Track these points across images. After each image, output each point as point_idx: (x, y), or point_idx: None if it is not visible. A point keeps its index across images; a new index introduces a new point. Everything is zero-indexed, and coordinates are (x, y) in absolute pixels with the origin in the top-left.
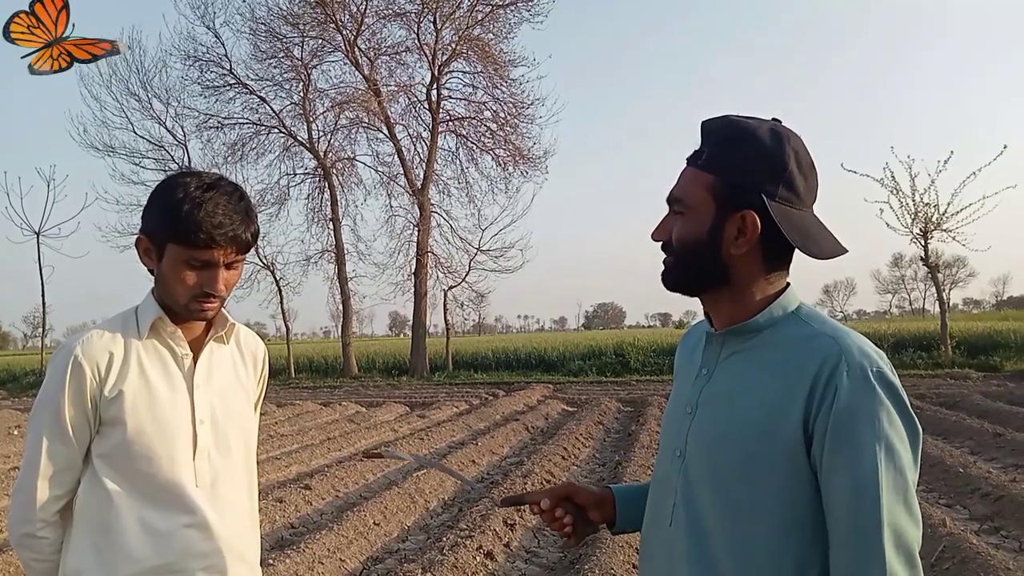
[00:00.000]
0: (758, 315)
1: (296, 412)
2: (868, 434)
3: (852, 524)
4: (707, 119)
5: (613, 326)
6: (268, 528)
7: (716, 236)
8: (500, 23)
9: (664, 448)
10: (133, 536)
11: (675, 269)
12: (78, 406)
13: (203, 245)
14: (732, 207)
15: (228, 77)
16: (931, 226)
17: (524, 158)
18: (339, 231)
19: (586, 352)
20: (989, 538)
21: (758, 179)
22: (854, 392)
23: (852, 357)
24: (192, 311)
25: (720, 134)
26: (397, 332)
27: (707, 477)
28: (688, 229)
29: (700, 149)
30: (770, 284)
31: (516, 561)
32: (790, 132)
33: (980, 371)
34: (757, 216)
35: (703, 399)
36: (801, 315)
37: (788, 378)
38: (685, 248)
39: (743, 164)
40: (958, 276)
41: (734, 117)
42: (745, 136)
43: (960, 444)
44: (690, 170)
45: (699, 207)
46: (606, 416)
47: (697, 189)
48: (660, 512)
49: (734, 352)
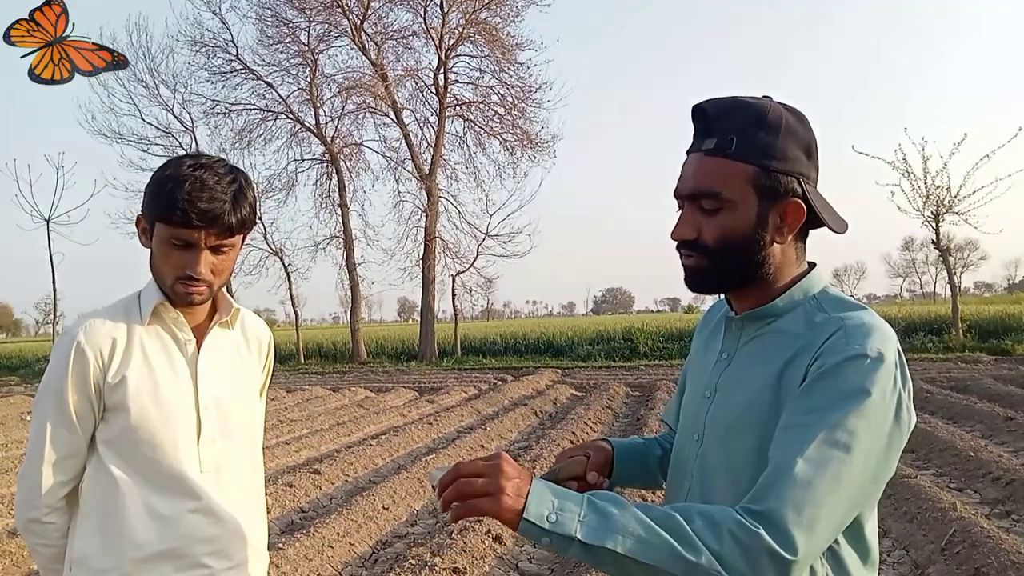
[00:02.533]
0: (777, 299)
1: (305, 397)
2: (833, 393)
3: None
4: (703, 102)
5: (622, 311)
6: (278, 512)
7: (761, 229)
8: (507, 6)
9: (684, 431)
10: (138, 521)
11: (712, 271)
12: (82, 392)
13: (181, 223)
14: (776, 197)
15: (235, 63)
16: (943, 209)
17: (532, 142)
18: (347, 217)
19: (595, 337)
20: (1000, 522)
21: (796, 164)
22: (841, 359)
23: (853, 331)
24: (178, 294)
25: (740, 119)
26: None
27: (723, 462)
28: (730, 225)
29: (721, 136)
30: (799, 265)
31: (525, 545)
32: (797, 109)
33: (991, 355)
34: (801, 203)
35: (721, 383)
36: (824, 301)
37: (799, 360)
38: (727, 246)
39: (781, 149)
40: (970, 259)
41: (741, 99)
42: (772, 119)
43: (971, 428)
44: (716, 160)
45: (740, 200)
46: (615, 401)
47: (735, 181)
48: (676, 494)
49: (753, 337)
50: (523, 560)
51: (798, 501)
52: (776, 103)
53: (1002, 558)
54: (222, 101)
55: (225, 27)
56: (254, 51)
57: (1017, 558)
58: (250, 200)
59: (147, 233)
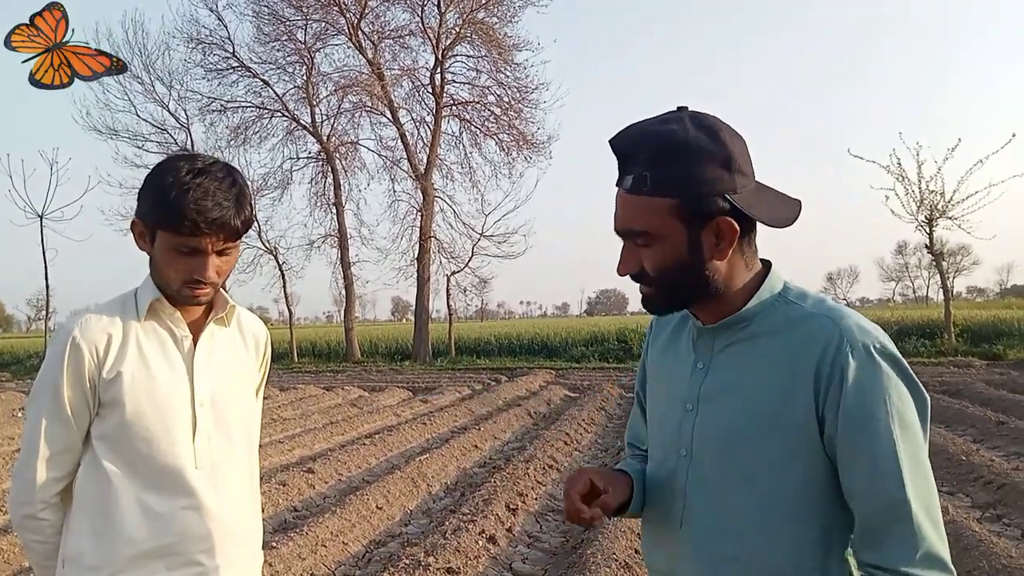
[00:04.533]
0: (748, 304)
1: (299, 396)
2: (881, 412)
3: (879, 502)
4: (616, 136)
5: (615, 312)
6: (271, 511)
7: (696, 253)
8: (504, 6)
9: (662, 447)
10: (132, 518)
11: (660, 297)
12: (77, 388)
13: (189, 232)
14: (702, 220)
15: (231, 60)
16: (936, 213)
17: (528, 143)
18: (342, 215)
19: (588, 338)
20: (991, 525)
21: (716, 183)
22: (861, 371)
23: (853, 336)
24: (184, 297)
25: (650, 152)
26: (400, 317)
27: (724, 474)
28: (665, 257)
29: (636, 173)
30: (750, 270)
31: (518, 546)
32: (710, 117)
33: (983, 359)
34: (731, 217)
35: (704, 394)
36: (790, 296)
37: (792, 363)
38: (667, 275)
39: (696, 176)
40: (962, 264)
41: (650, 127)
42: (680, 145)
43: (963, 432)
44: (636, 199)
45: (668, 233)
46: (608, 402)
47: (657, 218)
48: (665, 515)
49: (729, 344)
50: (516, 560)
51: (933, 532)
52: (687, 119)
53: (993, 562)
54: (218, 98)
55: (222, 24)
56: (250, 49)
57: (1008, 562)
58: (250, 200)
59: (145, 238)
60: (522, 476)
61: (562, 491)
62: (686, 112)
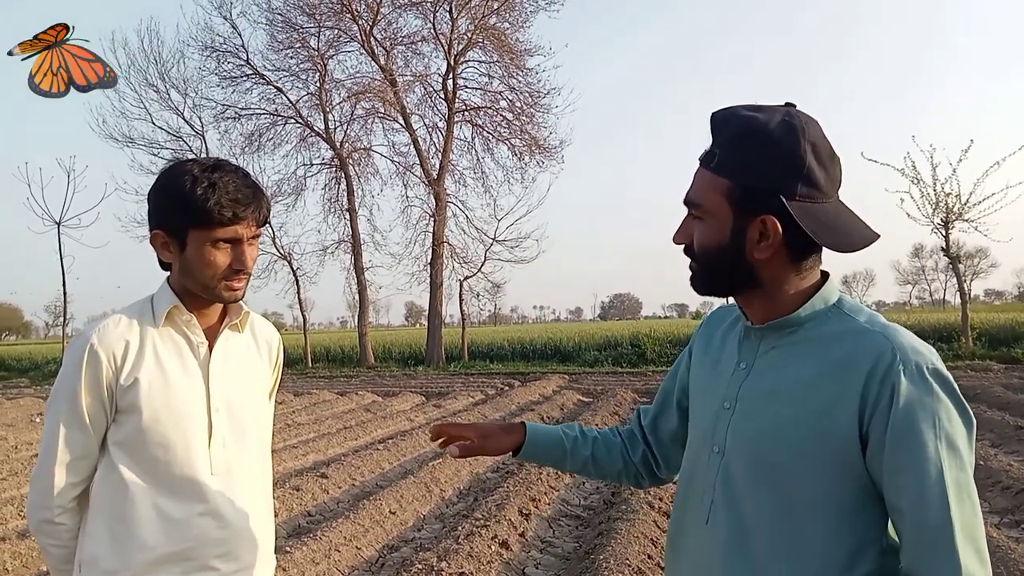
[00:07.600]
0: (799, 309)
1: (313, 401)
2: (929, 433)
3: (923, 525)
4: (716, 111)
5: (629, 317)
6: (285, 516)
7: (738, 242)
8: (516, 12)
9: (697, 443)
10: (148, 523)
11: (701, 276)
12: (94, 394)
13: (228, 222)
14: (752, 212)
15: (245, 68)
16: (952, 216)
17: (540, 148)
18: (355, 221)
19: (602, 343)
20: (1010, 531)
21: (774, 180)
22: (913, 391)
23: (906, 355)
24: (223, 293)
25: (729, 132)
26: (413, 322)
27: (752, 475)
28: (709, 236)
29: (712, 149)
30: (802, 279)
31: (531, 551)
32: (806, 120)
33: (1001, 363)
34: (778, 220)
35: (744, 394)
36: (844, 308)
37: (839, 375)
38: (707, 255)
39: (756, 166)
40: (980, 267)
41: (743, 111)
42: (755, 133)
43: (981, 437)
44: (703, 172)
45: (717, 213)
46: (622, 407)
47: (713, 194)
48: (694, 510)
49: (775, 347)
50: (529, 566)
51: (974, 559)
52: (780, 114)
53: (1012, 568)
54: (232, 106)
55: (236, 32)
56: (264, 56)
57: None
58: (262, 188)
59: (170, 247)
60: (535, 481)
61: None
62: (788, 108)
